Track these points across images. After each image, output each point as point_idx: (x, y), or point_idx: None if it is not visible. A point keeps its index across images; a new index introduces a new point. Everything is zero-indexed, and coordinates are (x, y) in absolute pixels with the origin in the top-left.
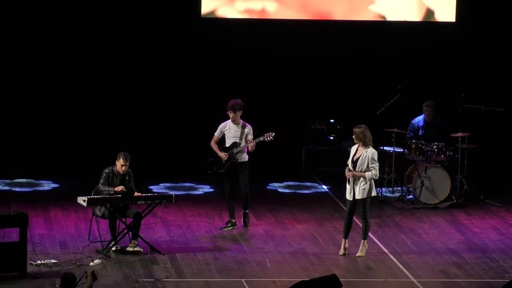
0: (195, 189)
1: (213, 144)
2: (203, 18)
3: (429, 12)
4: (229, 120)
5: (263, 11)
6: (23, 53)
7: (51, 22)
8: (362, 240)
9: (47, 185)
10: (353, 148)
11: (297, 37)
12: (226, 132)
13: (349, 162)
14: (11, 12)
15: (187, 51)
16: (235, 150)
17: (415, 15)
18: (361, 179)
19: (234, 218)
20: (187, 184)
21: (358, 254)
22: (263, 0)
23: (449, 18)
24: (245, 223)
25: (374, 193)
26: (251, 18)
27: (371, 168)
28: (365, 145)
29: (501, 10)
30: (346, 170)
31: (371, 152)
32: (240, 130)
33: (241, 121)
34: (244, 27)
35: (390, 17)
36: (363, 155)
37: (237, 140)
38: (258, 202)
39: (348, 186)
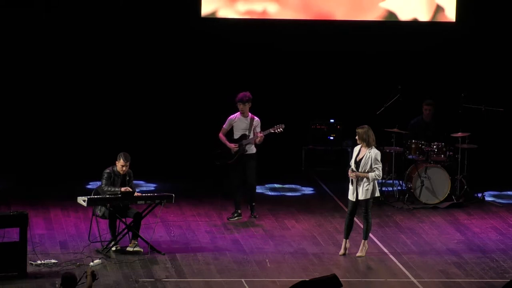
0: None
1: (221, 136)
2: (203, 19)
3: (439, 9)
4: (238, 113)
5: (264, 12)
6: (22, 53)
7: (51, 22)
8: (363, 240)
9: (48, 185)
10: (356, 149)
11: (297, 37)
12: (234, 125)
13: (352, 162)
14: (12, 12)
15: (187, 52)
16: (244, 142)
17: (424, 13)
18: (364, 179)
19: (240, 209)
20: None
21: (358, 254)
22: (264, 2)
23: (449, 18)
24: (254, 216)
25: (377, 194)
26: (251, 19)
27: (374, 168)
28: (369, 145)
29: (501, 10)
30: (349, 170)
31: (374, 152)
32: (248, 123)
33: (250, 114)
34: (244, 27)
35: (399, 15)
36: (366, 155)
37: (246, 132)
38: (258, 202)
39: (351, 187)
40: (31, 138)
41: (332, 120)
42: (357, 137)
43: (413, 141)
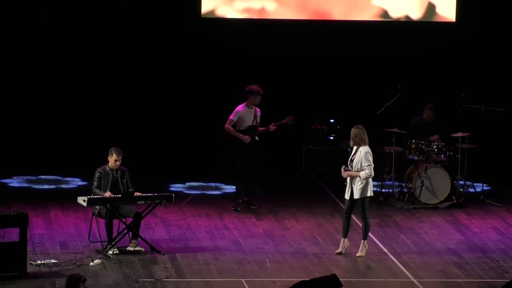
0: (64, 182)
1: (230, 128)
2: (203, 18)
3: (431, 7)
4: (244, 105)
5: (262, 10)
6: (22, 52)
7: (51, 21)
8: (362, 240)
9: (47, 184)
10: (354, 148)
11: (298, 38)
12: (242, 116)
13: (348, 162)
14: (11, 11)
15: (187, 52)
16: (256, 133)
17: (416, 11)
18: (357, 178)
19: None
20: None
21: (358, 254)
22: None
23: (449, 18)
24: (255, 206)
25: (370, 193)
26: (251, 19)
27: (365, 167)
28: (358, 145)
29: (501, 10)
30: (342, 169)
31: (364, 151)
32: (253, 114)
33: (253, 106)
34: (244, 27)
35: (391, 13)
36: (358, 154)
37: (252, 124)
38: (258, 202)
39: (346, 185)
40: (31, 138)
41: (332, 120)
42: None
43: (413, 141)
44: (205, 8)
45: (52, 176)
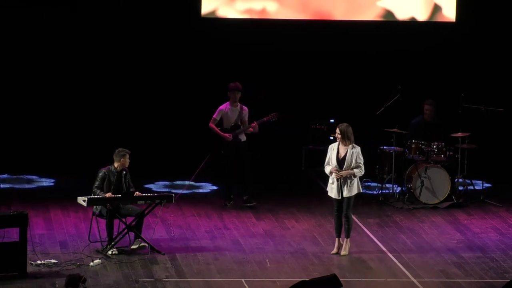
0: (36, 181)
1: (213, 126)
2: (203, 18)
3: (436, 8)
4: (228, 103)
5: (263, 11)
6: (23, 52)
7: (51, 21)
8: (346, 239)
9: (47, 183)
10: (333, 147)
11: (297, 37)
12: (225, 115)
13: (334, 162)
14: (12, 12)
15: (187, 52)
16: (237, 132)
17: (422, 13)
18: (351, 177)
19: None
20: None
21: (342, 252)
22: (264, 0)
23: (449, 18)
24: (253, 205)
25: (359, 190)
26: (251, 19)
27: (359, 164)
28: (350, 142)
29: (501, 10)
30: (334, 169)
31: (358, 149)
32: (238, 113)
33: (239, 103)
34: (244, 27)
35: (397, 14)
36: (349, 152)
37: (236, 122)
38: (258, 202)
39: (333, 185)
40: (31, 138)
41: (332, 120)
42: (338, 135)
43: (413, 141)
44: (206, 8)
45: (29, 176)
